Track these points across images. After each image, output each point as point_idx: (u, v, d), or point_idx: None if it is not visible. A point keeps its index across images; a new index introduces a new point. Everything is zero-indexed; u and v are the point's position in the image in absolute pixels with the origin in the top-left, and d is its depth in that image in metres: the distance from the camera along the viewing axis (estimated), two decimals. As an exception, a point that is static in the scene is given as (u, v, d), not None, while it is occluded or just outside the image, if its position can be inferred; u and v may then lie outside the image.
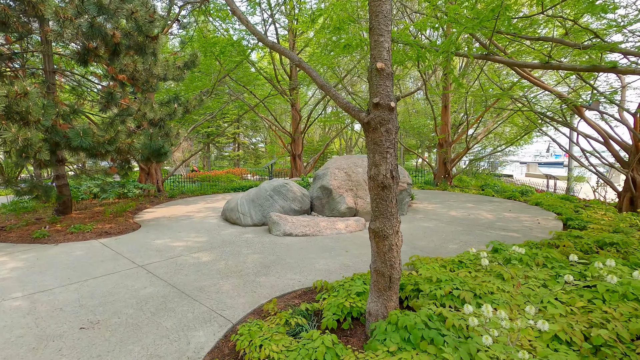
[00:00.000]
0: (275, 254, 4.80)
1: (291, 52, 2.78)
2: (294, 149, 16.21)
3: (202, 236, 5.90)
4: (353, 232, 5.90)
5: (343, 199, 6.75)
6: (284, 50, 2.78)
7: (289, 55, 2.77)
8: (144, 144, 6.49)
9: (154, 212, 8.41)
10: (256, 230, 6.30)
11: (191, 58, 8.29)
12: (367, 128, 2.50)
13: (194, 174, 19.36)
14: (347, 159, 7.68)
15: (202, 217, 7.67)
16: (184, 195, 11.80)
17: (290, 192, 6.86)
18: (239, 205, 6.83)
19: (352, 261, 4.41)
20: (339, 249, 4.94)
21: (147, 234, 6.17)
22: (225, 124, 31.12)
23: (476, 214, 7.36)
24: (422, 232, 5.82)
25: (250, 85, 14.90)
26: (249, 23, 2.91)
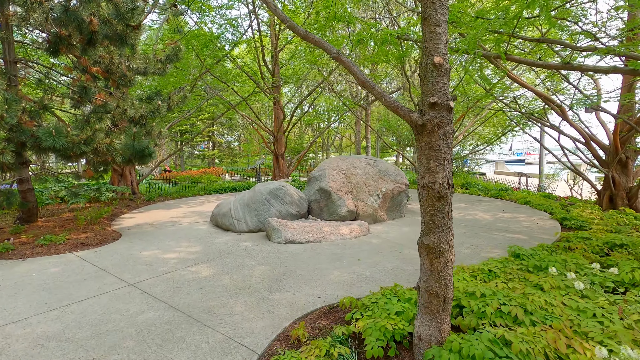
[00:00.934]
0: (282, 265, 4.42)
1: (329, 44, 2.42)
2: (277, 148, 15.71)
3: (195, 245, 5.39)
4: (358, 237, 5.61)
5: (343, 202, 6.45)
6: (320, 42, 2.42)
7: (327, 47, 2.42)
8: (125, 145, 5.86)
9: (134, 218, 7.72)
10: (253, 237, 5.86)
11: (174, 51, 7.67)
12: (421, 131, 2.20)
13: (167, 175, 18.38)
14: (344, 159, 7.38)
15: (190, 223, 7.10)
16: (163, 198, 11.05)
17: (287, 195, 6.47)
18: (232, 210, 6.35)
19: (368, 271, 4.11)
20: (350, 258, 4.63)
21: (131, 244, 5.56)
22: (199, 122, 29.98)
23: (473, 215, 7.30)
24: (429, 236, 5.63)
25: (230, 82, 14.25)
26: (287, 19, 2.52)
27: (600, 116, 9.43)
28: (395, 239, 5.52)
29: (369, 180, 6.82)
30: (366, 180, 6.79)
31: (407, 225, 6.40)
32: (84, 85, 6.25)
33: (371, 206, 6.57)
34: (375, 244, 5.25)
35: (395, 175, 7.16)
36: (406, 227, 6.29)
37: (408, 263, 4.36)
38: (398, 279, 3.86)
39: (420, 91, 2.24)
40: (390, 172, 7.16)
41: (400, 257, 4.61)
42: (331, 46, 2.39)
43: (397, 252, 4.82)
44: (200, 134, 25.63)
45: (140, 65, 7.42)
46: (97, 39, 5.86)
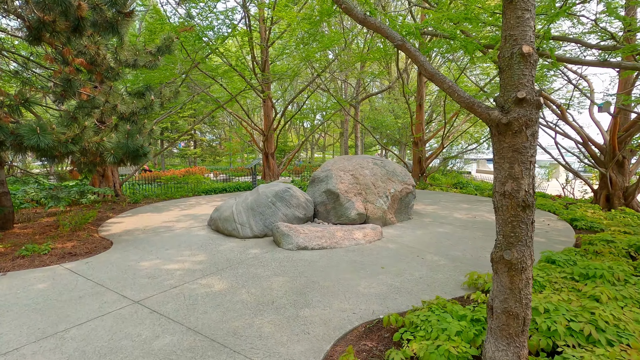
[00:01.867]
0: (301, 275, 4.07)
1: (392, 30, 2.10)
2: (267, 147, 15.24)
3: (199, 254, 4.95)
4: (373, 242, 5.33)
5: (352, 204, 6.15)
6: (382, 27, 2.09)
7: (390, 34, 2.10)
8: (117, 144, 5.33)
9: (122, 223, 7.14)
10: (260, 243, 5.47)
11: (165, 42, 7.13)
12: (505, 131, 1.92)
13: (148, 175, 17.53)
14: (349, 160, 7.08)
15: (186, 228, 6.61)
16: (149, 200, 10.41)
17: (293, 197, 6.10)
18: (235, 214, 5.93)
19: (397, 281, 3.83)
20: (372, 265, 4.34)
21: (126, 253, 5.06)
22: (181, 119, 28.95)
23: (480, 216, 7.17)
24: (446, 239, 5.42)
25: (218, 78, 13.66)
26: None
27: (594, 116, 9.56)
28: (412, 243, 5.27)
29: (377, 181, 6.56)
30: (375, 182, 6.52)
31: (419, 228, 6.18)
32: (68, 77, 5.66)
33: (381, 208, 6.30)
34: (393, 249, 4.98)
35: (403, 176, 6.93)
36: (418, 229, 6.07)
37: (436, 271, 4.11)
38: (433, 289, 3.60)
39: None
40: (397, 172, 6.92)
41: (425, 264, 4.36)
42: (395, 33, 2.08)
43: (420, 258, 4.56)
44: (188, 132, 24.67)
45: (130, 57, 6.85)
46: (84, 26, 5.30)
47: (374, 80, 23.15)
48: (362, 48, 16.16)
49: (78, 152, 5.19)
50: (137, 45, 7.17)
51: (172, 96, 7.39)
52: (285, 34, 14.34)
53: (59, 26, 5.00)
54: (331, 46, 10.90)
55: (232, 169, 27.55)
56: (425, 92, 17.09)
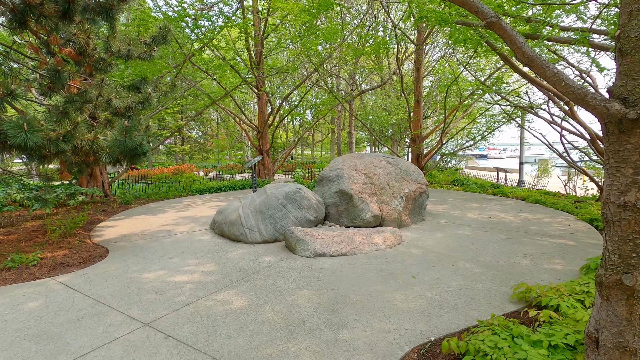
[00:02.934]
0: (327, 287, 3.68)
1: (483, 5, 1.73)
2: (262, 145, 14.74)
3: (207, 263, 4.50)
4: (393, 247, 4.98)
5: (367, 206, 5.79)
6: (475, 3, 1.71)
7: (481, 9, 1.72)
8: (113, 141, 4.80)
9: (116, 227, 6.59)
10: (271, 249, 5.05)
11: (162, 32, 6.59)
12: (630, 128, 1.57)
13: (136, 173, 16.80)
14: (360, 158, 6.71)
15: (186, 232, 6.13)
16: (141, 201, 9.82)
17: (305, 199, 5.70)
18: (242, 217, 5.49)
19: (436, 293, 3.49)
20: (401, 274, 3.99)
21: (126, 263, 4.57)
22: (168, 116, 28.03)
23: (495, 216, 6.92)
24: (470, 243, 5.12)
25: (211, 73, 13.06)
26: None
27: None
28: (436, 248, 4.95)
29: (391, 180, 6.21)
30: (389, 181, 6.18)
31: (437, 230, 5.87)
32: (56, 68, 5.09)
33: (396, 210, 5.97)
34: (419, 255, 4.65)
35: (416, 175, 6.61)
36: (437, 232, 5.76)
37: (473, 280, 3.79)
38: (478, 303, 3.27)
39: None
40: (411, 171, 6.60)
41: (458, 272, 4.03)
42: (487, 8, 1.70)
43: (451, 265, 4.24)
44: (181, 128, 23.83)
45: (123, 48, 6.29)
46: (75, 11, 4.75)
47: (370, 76, 22.81)
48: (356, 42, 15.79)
49: (70, 151, 4.66)
50: (130, 35, 6.62)
51: (169, 90, 6.86)
52: (281, 27, 13.83)
53: (47, 10, 4.44)
54: (333, 39, 10.48)
55: (223, 167, 26.90)
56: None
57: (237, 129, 31.74)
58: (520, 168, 17.88)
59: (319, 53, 11.38)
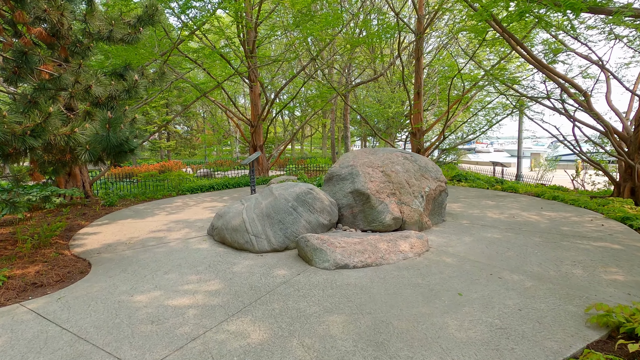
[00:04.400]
0: (361, 310, 3.06)
1: None
2: (255, 139, 13.98)
3: (210, 279, 3.82)
4: (422, 255, 4.39)
5: (386, 207, 5.18)
6: None
7: None
8: (94, 136, 4.04)
9: (99, 234, 5.81)
10: (282, 259, 4.39)
11: (148, 11, 5.80)
12: None
13: (119, 170, 15.81)
14: (374, 153, 6.09)
15: (181, 239, 5.41)
16: (127, 202, 8.99)
17: (317, 201, 5.05)
18: (247, 222, 4.80)
19: (494, 317, 2.91)
20: (443, 291, 3.40)
21: (112, 280, 3.84)
22: (152, 110, 26.81)
23: (518, 215, 6.42)
24: (505, 248, 4.58)
25: (200, 62, 12.18)
26: None
27: (612, 103, 9.09)
28: (470, 255, 4.38)
29: (411, 178, 5.62)
30: (408, 179, 5.58)
31: (463, 234, 5.31)
32: (23, 50, 4.27)
33: (417, 211, 5.38)
34: (454, 265, 4.07)
35: (435, 172, 6.04)
36: (464, 235, 5.20)
37: (530, 297, 3.23)
38: (550, 330, 2.70)
39: None
40: (430, 168, 6.02)
41: (509, 286, 3.46)
42: None
43: (496, 277, 3.67)
44: (169, 122, 22.71)
45: (104, 28, 5.48)
46: (43, -22, 3.94)
47: (365, 69, 22.13)
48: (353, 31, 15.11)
49: (41, 148, 3.88)
50: (111, 14, 5.80)
51: (157, 78, 6.06)
52: (275, 13, 13.02)
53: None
54: (335, 24, 9.77)
55: (211, 163, 25.93)
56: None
57: (225, 123, 30.74)
58: (519, 162, 17.60)
59: (322, 38, 10.63)
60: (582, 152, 9.46)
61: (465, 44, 14.06)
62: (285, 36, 16.79)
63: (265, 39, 13.04)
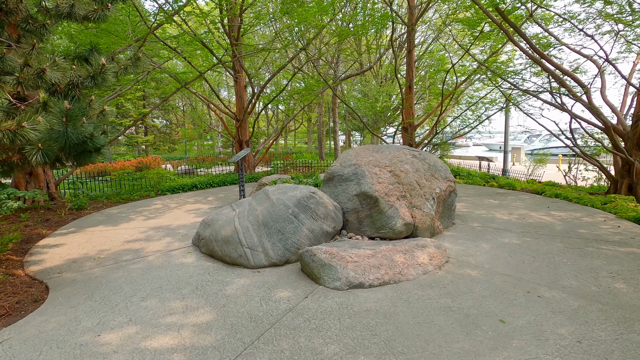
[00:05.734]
0: (390, 347, 2.47)
1: None
2: (241, 134, 13.17)
3: (198, 306, 3.15)
4: (442, 267, 3.86)
5: (396, 211, 4.62)
6: None
7: None
8: (48, 132, 3.26)
9: (63, 247, 4.99)
10: (283, 275, 3.76)
11: (118, -15, 4.96)
12: None
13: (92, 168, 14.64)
14: (378, 151, 5.51)
15: (162, 251, 4.67)
16: (98, 204, 8.08)
17: (320, 206, 4.43)
18: (240, 232, 4.13)
19: (553, 354, 2.39)
20: (481, 317, 2.86)
21: (74, 312, 3.11)
22: (128, 102, 25.31)
23: (527, 215, 6.02)
24: (530, 257, 4.11)
25: (180, 50, 11.22)
26: None
27: (607, 98, 8.87)
28: (495, 266, 3.88)
29: (421, 179, 5.08)
30: (419, 180, 5.04)
31: (478, 239, 4.83)
32: (-46, 23, 3.42)
33: (429, 215, 4.85)
34: (481, 279, 3.55)
35: (444, 171, 5.53)
36: (480, 241, 4.71)
37: (584, 324, 2.73)
38: (628, 371, 2.20)
39: None
40: (439, 166, 5.50)
41: (553, 308, 2.97)
42: None
43: (535, 296, 3.18)
44: (146, 115, 21.36)
45: (62, 3, 4.61)
46: None
47: (354, 62, 21.48)
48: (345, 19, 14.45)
49: (-24, 148, 3.07)
50: (73, -12, 4.92)
51: (131, 64, 5.24)
52: (259, 1, 12.16)
53: None
54: (329, 11, 9.08)
55: (192, 159, 24.80)
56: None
57: (206, 117, 29.51)
58: (505, 157, 17.49)
59: (316, 25, 9.89)
60: (579, 148, 9.23)
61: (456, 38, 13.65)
62: (269, 26, 15.94)
63: (251, 27, 12.17)
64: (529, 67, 10.92)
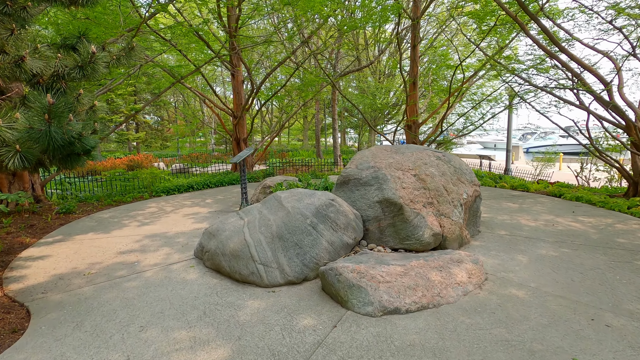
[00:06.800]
0: (454, 401, 2.02)
1: None
2: (238, 132, 12.60)
3: (208, 339, 2.65)
4: (483, 286, 3.41)
5: (423, 220, 4.16)
6: None
7: None
8: (28, 132, 2.72)
9: (49, 259, 4.44)
10: (303, 297, 3.28)
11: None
12: None
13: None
14: (397, 152, 5.04)
15: (160, 266, 4.15)
16: (88, 207, 7.49)
17: (341, 214, 3.95)
18: (251, 246, 3.64)
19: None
20: (548, 354, 2.41)
21: (59, 348, 2.59)
22: (118, 98, 24.45)
23: (554, 221, 5.62)
24: (578, 274, 3.69)
25: (175, 42, 10.60)
26: None
27: (625, 96, 8.53)
28: (543, 285, 3.45)
29: (448, 183, 4.63)
30: (446, 185, 4.58)
31: (512, 250, 4.40)
32: None
33: (457, 223, 4.41)
34: (532, 302, 3.11)
35: (470, 174, 5.09)
36: (515, 253, 4.28)
37: (675, 362, 2.31)
38: None
39: None
40: (464, 169, 5.06)
41: (632, 342, 2.54)
42: None
43: (602, 324, 2.74)
44: (139, 111, 20.56)
45: (46, -18, 4.06)
46: None
47: (359, 55, 20.90)
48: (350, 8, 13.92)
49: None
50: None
51: (124, 54, 4.68)
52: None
53: None
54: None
55: (186, 156, 24.11)
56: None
57: (199, 113, 28.74)
58: (507, 155, 17.20)
59: (324, 14, 9.33)
60: (597, 148, 8.88)
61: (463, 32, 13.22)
62: (268, 19, 15.35)
63: (249, 19, 11.59)
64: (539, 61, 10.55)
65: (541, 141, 35.07)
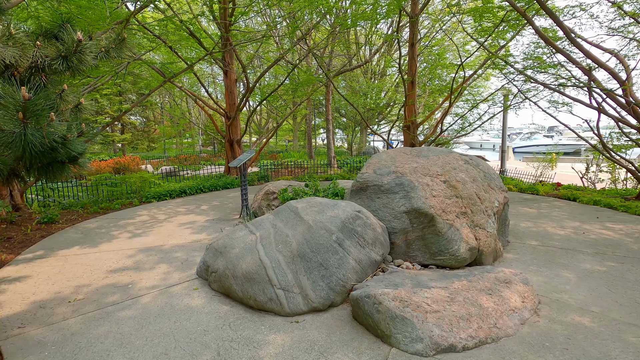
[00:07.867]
0: None
1: None
2: (232, 133, 12.00)
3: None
4: (539, 312, 2.97)
5: (457, 233, 3.72)
6: None
7: None
8: (1, 136, 2.15)
9: (27, 280, 3.82)
10: (332, 329, 2.78)
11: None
12: None
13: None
14: (420, 155, 4.59)
15: (159, 289, 3.59)
16: (72, 216, 6.82)
17: (368, 228, 3.46)
18: (269, 268, 3.11)
19: None
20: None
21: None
22: (103, 98, 23.43)
23: (582, 228, 5.27)
24: (636, 292, 3.29)
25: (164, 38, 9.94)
26: None
27: (635, 95, 8.32)
28: (607, 310, 3.04)
29: (480, 191, 4.20)
30: (478, 192, 4.15)
31: (552, 264, 3.99)
32: None
33: (492, 235, 3.98)
34: (603, 333, 2.69)
35: (498, 179, 4.68)
36: (557, 268, 3.88)
37: None
38: None
39: None
40: (492, 174, 4.65)
41: None
42: None
43: (698, 362, 2.33)
44: (128, 111, 19.64)
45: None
46: None
47: (354, 55, 20.44)
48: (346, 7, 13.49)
49: None
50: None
51: (114, 46, 4.09)
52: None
53: None
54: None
55: (174, 158, 23.28)
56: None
57: (186, 114, 27.85)
58: (502, 156, 17.02)
59: (328, 7, 8.82)
60: (608, 149, 8.64)
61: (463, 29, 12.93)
62: (262, 15, 14.79)
63: (243, 14, 11.00)
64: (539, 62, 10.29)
65: (527, 141, 35.30)
